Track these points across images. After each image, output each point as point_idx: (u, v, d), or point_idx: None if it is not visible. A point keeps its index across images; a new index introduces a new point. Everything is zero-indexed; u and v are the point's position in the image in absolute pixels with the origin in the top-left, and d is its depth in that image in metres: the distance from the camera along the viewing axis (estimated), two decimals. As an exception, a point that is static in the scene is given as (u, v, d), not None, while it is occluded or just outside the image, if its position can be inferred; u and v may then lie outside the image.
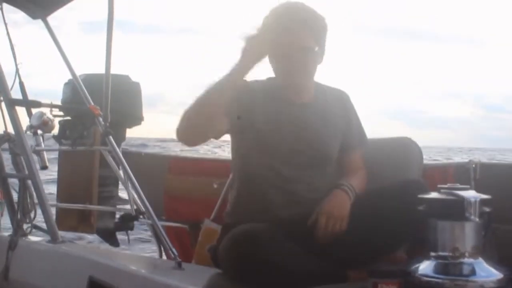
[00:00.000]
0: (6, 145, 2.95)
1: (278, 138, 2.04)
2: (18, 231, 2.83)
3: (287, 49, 2.00)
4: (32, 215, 2.91)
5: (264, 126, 2.04)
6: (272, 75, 2.13)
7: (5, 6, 3.01)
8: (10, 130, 2.89)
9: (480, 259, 1.60)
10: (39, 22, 3.15)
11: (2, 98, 2.86)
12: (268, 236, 1.81)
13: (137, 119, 3.45)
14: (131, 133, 3.47)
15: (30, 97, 3.04)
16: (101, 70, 2.94)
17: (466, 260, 1.59)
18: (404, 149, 2.46)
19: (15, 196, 2.95)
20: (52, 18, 3.16)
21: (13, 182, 3.00)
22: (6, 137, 2.95)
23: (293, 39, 2.00)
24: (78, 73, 3.17)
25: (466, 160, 2.36)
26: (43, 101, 3.04)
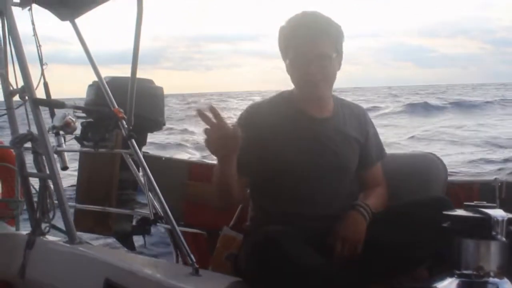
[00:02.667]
0: (28, 144, 2.97)
1: (299, 155, 2.04)
2: (36, 230, 2.84)
3: (307, 56, 2.01)
4: (51, 215, 2.92)
5: (283, 147, 2.04)
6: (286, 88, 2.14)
7: (35, 7, 3.04)
8: (33, 129, 2.91)
9: (506, 280, 1.57)
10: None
11: (27, 98, 2.88)
12: (290, 239, 1.80)
13: (158, 124, 3.46)
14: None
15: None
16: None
17: (491, 279, 1.56)
18: (428, 164, 2.44)
19: (34, 195, 2.96)
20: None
21: (33, 181, 3.02)
22: (28, 136, 2.96)
23: (312, 48, 2.01)
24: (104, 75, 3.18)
25: (492, 178, 2.33)
26: (66, 102, 3.06)
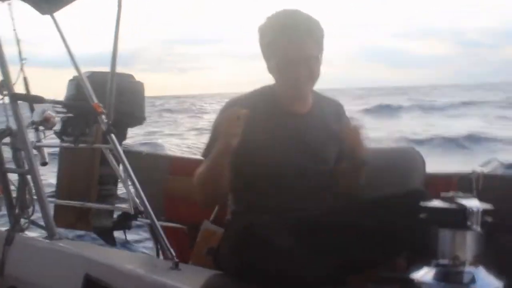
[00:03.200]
0: (7, 140, 2.95)
1: (280, 152, 2.05)
2: (15, 226, 2.83)
3: (295, 60, 2.00)
4: (30, 210, 2.91)
5: (264, 142, 2.04)
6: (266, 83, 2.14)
7: (14, 1, 3.02)
8: (12, 124, 2.89)
9: (481, 268, 1.59)
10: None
11: (5, 92, 2.85)
12: (268, 227, 1.83)
13: (139, 119, 3.45)
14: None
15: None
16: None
17: (466, 268, 1.59)
18: (407, 158, 2.47)
19: (13, 191, 2.94)
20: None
21: (13, 176, 2.99)
22: (7, 131, 2.94)
23: (299, 51, 2.00)
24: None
25: (470, 171, 2.37)
26: (46, 97, 3.04)
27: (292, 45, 1.99)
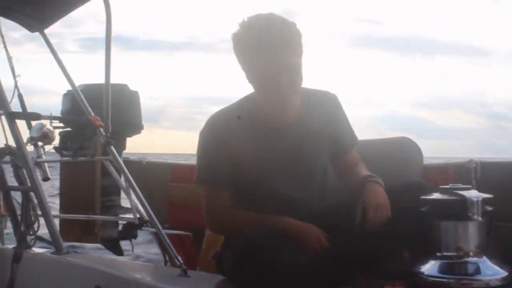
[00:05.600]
0: (7, 158, 2.96)
1: (270, 168, 2.00)
2: (22, 243, 2.83)
3: (275, 70, 1.91)
4: (35, 226, 2.92)
5: (254, 160, 1.99)
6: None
7: (2, 20, 3.03)
8: (11, 143, 2.90)
9: (484, 258, 1.62)
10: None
11: (2, 112, 2.87)
12: (267, 238, 1.81)
13: (136, 128, 3.46)
14: (140, 148, 3.49)
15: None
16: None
17: (470, 259, 1.62)
18: (404, 149, 2.45)
19: (18, 208, 2.95)
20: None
21: (16, 194, 3.01)
22: (7, 150, 2.95)
23: (280, 60, 1.91)
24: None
25: (467, 160, 2.38)
26: (42, 113, 3.05)
27: (270, 57, 1.90)
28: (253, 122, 2.02)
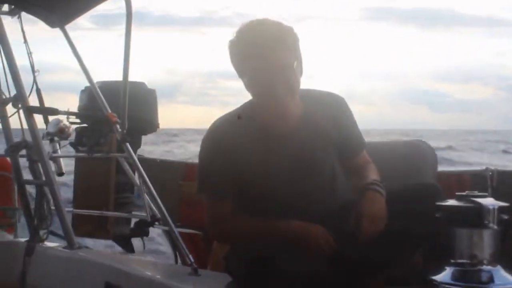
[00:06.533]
0: (23, 152, 2.98)
1: (272, 177, 1.97)
2: (34, 237, 2.85)
3: (268, 71, 1.88)
4: (48, 221, 2.94)
5: (255, 170, 1.97)
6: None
7: (24, 15, 3.05)
8: (28, 137, 2.92)
9: (499, 267, 1.60)
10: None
11: (20, 106, 2.89)
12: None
13: (152, 126, 3.48)
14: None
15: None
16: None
17: (484, 267, 1.59)
18: (418, 152, 2.41)
19: (32, 202, 2.98)
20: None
21: (30, 188, 3.03)
22: (23, 144, 2.97)
23: (272, 61, 1.88)
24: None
25: (483, 168, 2.36)
26: (59, 108, 3.08)
27: (262, 55, 1.87)
28: (254, 129, 1.99)
